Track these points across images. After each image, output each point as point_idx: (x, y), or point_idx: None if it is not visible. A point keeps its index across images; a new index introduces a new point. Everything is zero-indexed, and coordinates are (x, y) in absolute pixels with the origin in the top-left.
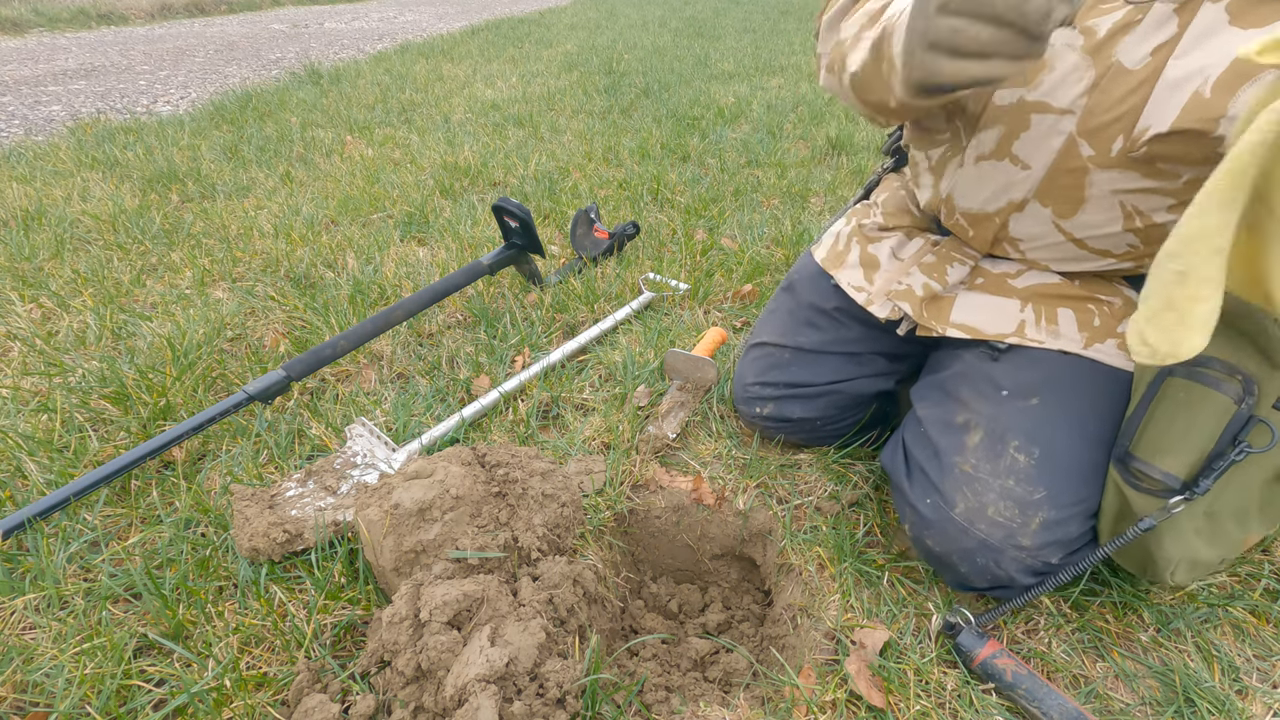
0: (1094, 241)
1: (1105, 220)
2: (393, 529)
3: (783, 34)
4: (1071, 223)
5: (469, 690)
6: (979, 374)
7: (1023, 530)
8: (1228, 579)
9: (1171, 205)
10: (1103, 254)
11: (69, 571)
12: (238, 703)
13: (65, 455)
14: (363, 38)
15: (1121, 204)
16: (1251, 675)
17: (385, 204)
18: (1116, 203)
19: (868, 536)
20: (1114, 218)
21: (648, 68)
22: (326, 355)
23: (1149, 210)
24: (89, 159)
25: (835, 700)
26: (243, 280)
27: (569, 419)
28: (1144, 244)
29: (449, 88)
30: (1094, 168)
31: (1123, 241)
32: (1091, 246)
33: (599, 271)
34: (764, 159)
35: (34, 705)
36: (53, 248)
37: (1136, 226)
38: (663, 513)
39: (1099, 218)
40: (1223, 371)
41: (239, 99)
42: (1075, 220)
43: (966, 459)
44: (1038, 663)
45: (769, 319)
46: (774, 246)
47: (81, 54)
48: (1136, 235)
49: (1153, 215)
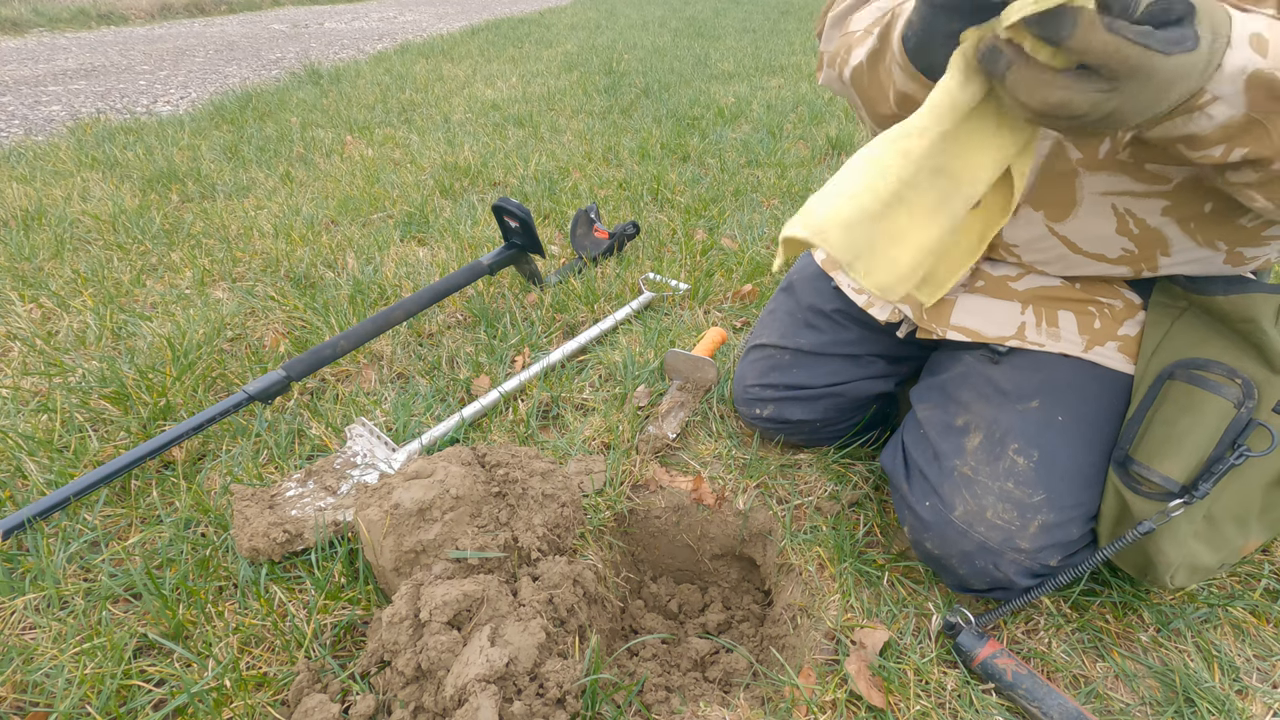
0: (1088, 245)
1: (1098, 223)
2: (393, 529)
3: (783, 34)
4: (1064, 226)
5: (469, 690)
6: (979, 376)
7: (1021, 533)
8: (1227, 579)
9: (1165, 208)
10: (1097, 258)
11: (69, 571)
12: (238, 703)
13: (65, 455)
14: (363, 38)
15: (1113, 206)
16: (1251, 675)
17: (385, 204)
18: (1108, 205)
19: (868, 536)
20: (1106, 220)
21: (648, 68)
22: (326, 355)
23: (1142, 214)
24: (89, 159)
25: (835, 700)
26: (243, 280)
27: (569, 419)
28: (1139, 249)
29: (449, 88)
30: (1083, 170)
31: (1116, 245)
32: (1085, 250)
33: (599, 271)
34: (764, 159)
35: (34, 705)
36: (53, 248)
37: (1130, 231)
38: (663, 513)
39: (1091, 221)
40: (1223, 375)
41: (239, 99)
42: (1068, 224)
43: (966, 461)
44: (1038, 663)
45: (769, 320)
46: (774, 247)
47: (81, 54)
48: (1131, 240)
49: (1146, 219)
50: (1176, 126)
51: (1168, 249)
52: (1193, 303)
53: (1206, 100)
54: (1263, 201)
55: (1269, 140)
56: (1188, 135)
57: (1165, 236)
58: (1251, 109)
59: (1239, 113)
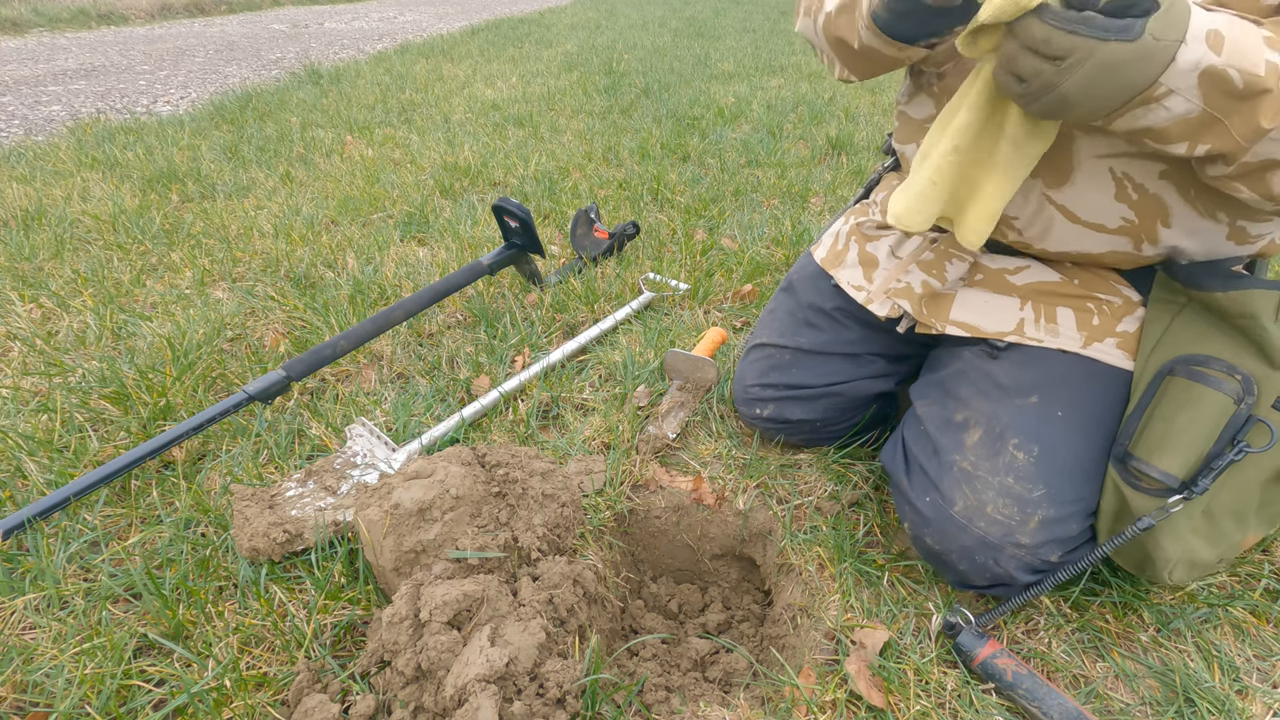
0: (1086, 214)
1: (1095, 190)
2: (393, 529)
3: (783, 34)
4: (1062, 194)
5: (469, 690)
6: (978, 372)
7: (1021, 528)
8: (1228, 579)
9: (1163, 170)
10: (1096, 228)
11: (69, 571)
12: (238, 703)
13: (65, 455)
14: (363, 38)
15: (1110, 170)
16: (1251, 675)
17: (385, 204)
18: (1105, 169)
19: (868, 536)
20: (1104, 186)
21: (648, 68)
22: (326, 355)
23: (1140, 177)
24: (89, 159)
25: (835, 700)
26: (243, 280)
27: (569, 419)
28: (1139, 217)
29: (449, 88)
30: (1079, 133)
31: (1115, 214)
32: (1084, 220)
33: (599, 271)
34: (764, 159)
35: (34, 705)
36: (53, 248)
37: (1129, 197)
38: (663, 513)
39: (1089, 187)
40: (1222, 371)
41: (239, 99)
42: (1065, 192)
43: (966, 457)
44: (1038, 663)
45: (769, 320)
46: (774, 246)
47: (81, 54)
48: (1130, 207)
49: (1145, 184)
50: (1136, 118)
51: (1168, 218)
52: (1192, 299)
53: (1162, 93)
54: (1248, 192)
55: (1229, 137)
56: (1147, 128)
57: (1165, 203)
58: (1207, 104)
59: (1195, 107)
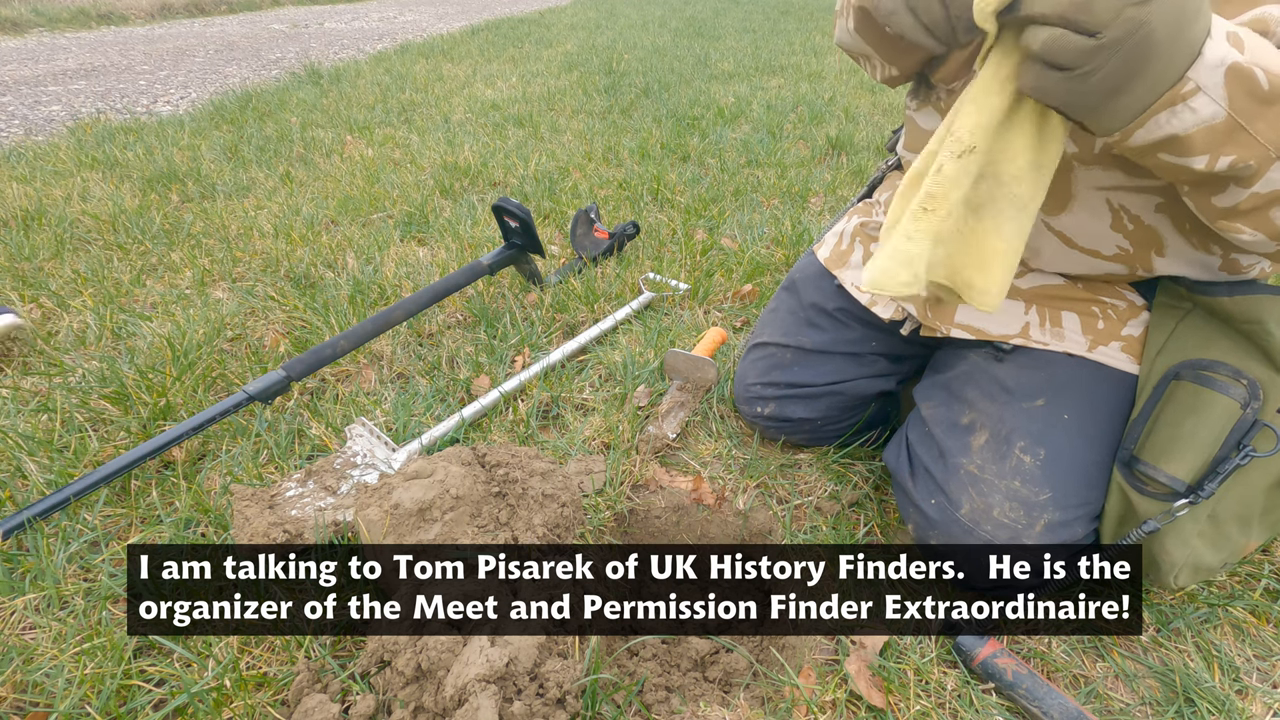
0: (1083, 240)
1: (1092, 218)
2: (393, 529)
3: (783, 34)
4: (1060, 220)
5: (469, 690)
6: (984, 375)
7: (1028, 531)
8: (1228, 579)
9: (1159, 205)
10: (1092, 254)
11: (69, 571)
12: (238, 703)
13: (65, 455)
14: (363, 38)
15: (1108, 201)
16: (1251, 675)
17: (385, 204)
18: (1103, 200)
19: (868, 537)
20: (1101, 215)
21: (648, 68)
22: (326, 355)
23: (1136, 210)
24: (89, 159)
25: (835, 700)
26: (243, 280)
27: (569, 419)
28: (1134, 247)
29: (449, 88)
30: (1078, 164)
31: (1111, 242)
32: (1080, 245)
33: (599, 271)
34: (764, 159)
35: (34, 705)
36: (53, 248)
37: (1125, 227)
38: (663, 513)
39: (1086, 215)
40: (1229, 376)
41: (239, 99)
42: (1063, 219)
43: (972, 460)
44: (1038, 662)
45: (770, 319)
46: (774, 246)
47: (81, 54)
48: (1125, 237)
49: (1141, 216)
50: (1159, 125)
51: (1162, 249)
52: (1197, 304)
53: (1189, 90)
54: (1249, 234)
55: (1254, 144)
56: (1170, 137)
57: (1160, 235)
58: (1231, 107)
59: (1221, 111)
